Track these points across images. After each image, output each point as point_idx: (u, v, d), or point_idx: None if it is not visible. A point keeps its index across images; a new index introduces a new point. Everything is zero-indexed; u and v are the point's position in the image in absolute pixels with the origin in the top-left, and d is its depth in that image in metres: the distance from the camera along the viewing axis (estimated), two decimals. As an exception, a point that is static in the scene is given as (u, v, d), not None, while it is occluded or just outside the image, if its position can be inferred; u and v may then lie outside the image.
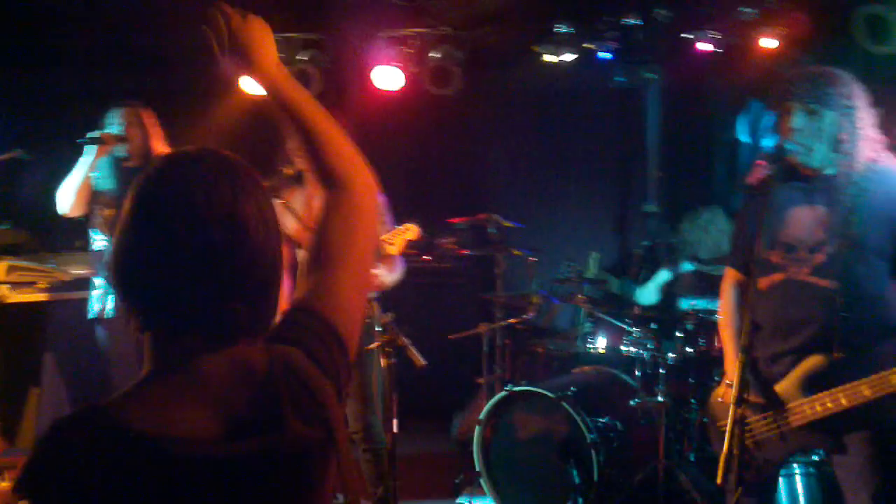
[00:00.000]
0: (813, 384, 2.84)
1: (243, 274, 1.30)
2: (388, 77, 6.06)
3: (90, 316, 4.30)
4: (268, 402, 1.29)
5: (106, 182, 4.28)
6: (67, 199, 4.19)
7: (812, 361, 2.86)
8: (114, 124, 4.29)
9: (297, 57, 5.94)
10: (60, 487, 1.15)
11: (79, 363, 4.89)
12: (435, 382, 4.96)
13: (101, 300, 4.27)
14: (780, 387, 2.91)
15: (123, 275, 1.29)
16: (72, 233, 4.73)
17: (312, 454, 1.33)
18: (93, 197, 4.27)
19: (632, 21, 5.61)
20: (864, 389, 2.71)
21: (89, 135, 4.20)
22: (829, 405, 2.78)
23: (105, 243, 4.26)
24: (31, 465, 1.18)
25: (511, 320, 5.02)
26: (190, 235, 1.25)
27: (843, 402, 2.75)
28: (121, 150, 4.26)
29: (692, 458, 4.63)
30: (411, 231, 3.61)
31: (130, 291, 1.29)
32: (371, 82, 6.07)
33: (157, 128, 4.37)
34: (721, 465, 2.60)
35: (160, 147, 4.29)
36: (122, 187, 4.24)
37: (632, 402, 4.60)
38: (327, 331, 1.44)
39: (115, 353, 4.18)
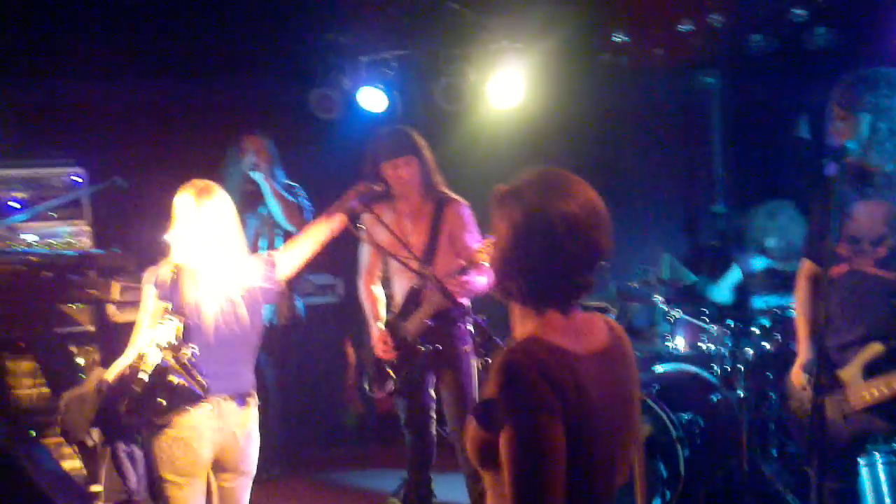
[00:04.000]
0: (872, 371, 2.98)
1: (595, 259, 1.87)
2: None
3: None
4: (611, 344, 1.95)
5: None
6: None
7: (872, 349, 3.00)
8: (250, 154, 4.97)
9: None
10: (537, 379, 1.73)
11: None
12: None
13: None
14: (845, 372, 3.05)
15: (517, 268, 1.87)
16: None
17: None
18: None
19: (686, 27, 5.72)
20: None
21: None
22: (884, 390, 2.92)
23: None
24: (504, 372, 1.75)
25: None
26: (568, 239, 1.82)
27: None
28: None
29: (774, 453, 4.70)
30: None
31: (521, 279, 1.87)
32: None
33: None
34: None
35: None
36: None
37: (713, 398, 4.70)
38: None
39: None
